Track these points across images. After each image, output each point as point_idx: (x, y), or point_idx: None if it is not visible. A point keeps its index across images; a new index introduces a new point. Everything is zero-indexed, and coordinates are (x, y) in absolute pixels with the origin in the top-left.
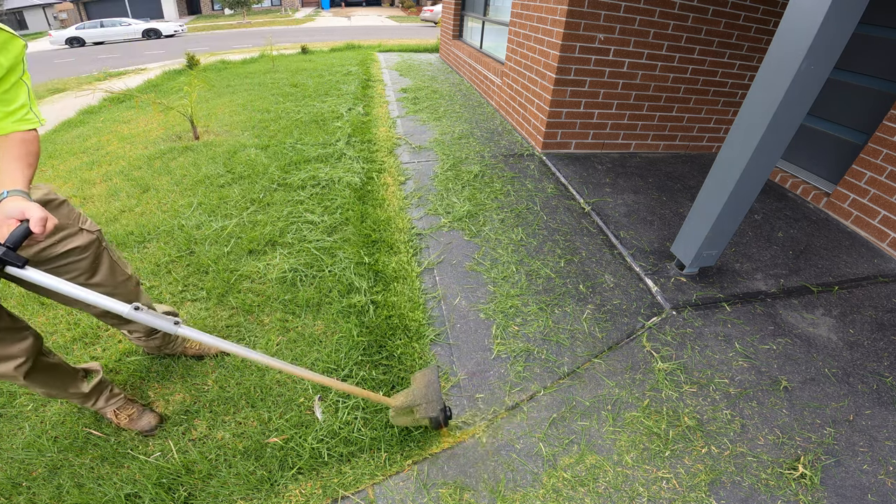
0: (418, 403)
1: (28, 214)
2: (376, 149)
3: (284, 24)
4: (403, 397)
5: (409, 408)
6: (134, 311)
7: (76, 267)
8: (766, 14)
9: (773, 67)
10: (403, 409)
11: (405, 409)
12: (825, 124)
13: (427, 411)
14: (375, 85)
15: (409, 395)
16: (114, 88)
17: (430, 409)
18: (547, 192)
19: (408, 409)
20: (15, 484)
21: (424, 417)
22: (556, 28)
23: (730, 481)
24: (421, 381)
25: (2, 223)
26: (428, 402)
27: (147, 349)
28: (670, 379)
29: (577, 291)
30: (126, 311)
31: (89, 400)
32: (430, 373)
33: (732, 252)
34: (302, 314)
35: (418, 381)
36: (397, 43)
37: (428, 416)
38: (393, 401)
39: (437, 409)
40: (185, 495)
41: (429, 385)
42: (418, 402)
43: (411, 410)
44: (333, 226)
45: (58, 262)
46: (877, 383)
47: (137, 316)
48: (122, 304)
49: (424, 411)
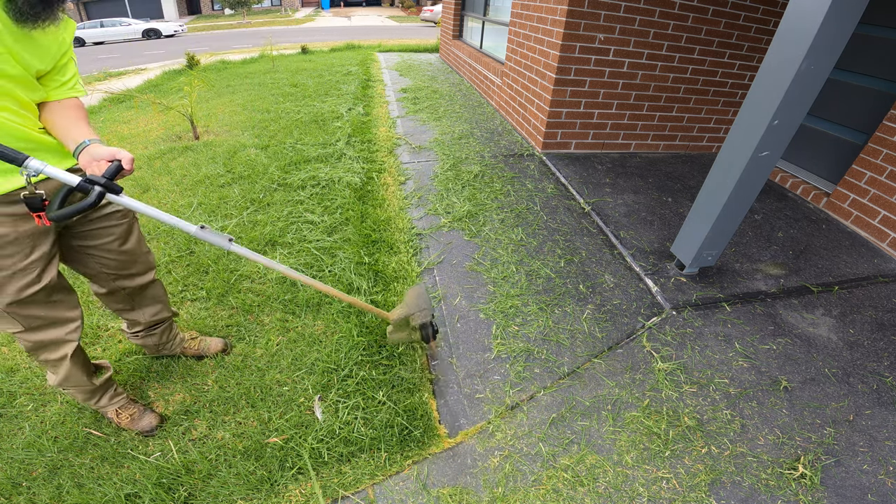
0: (412, 312)
1: (119, 156)
2: (376, 149)
3: (284, 24)
4: (399, 310)
5: (404, 318)
6: (201, 231)
7: (113, 231)
8: (766, 14)
9: (773, 67)
10: (400, 321)
11: (401, 322)
12: (825, 124)
13: (420, 318)
14: (375, 85)
15: (404, 307)
16: (113, 89)
17: (422, 316)
18: (547, 192)
19: (404, 320)
20: (15, 484)
21: (417, 329)
22: (556, 28)
23: (730, 481)
24: (412, 294)
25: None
26: (420, 310)
27: (146, 348)
28: (670, 379)
29: (577, 291)
30: (194, 231)
31: (94, 396)
32: (420, 288)
33: (733, 252)
34: (302, 314)
35: (410, 295)
36: (397, 43)
37: (420, 322)
38: (391, 315)
39: (428, 315)
40: (185, 495)
41: (419, 296)
42: (412, 311)
43: (406, 322)
44: (333, 226)
45: (99, 223)
46: (877, 383)
47: (204, 234)
48: (190, 225)
49: (417, 319)
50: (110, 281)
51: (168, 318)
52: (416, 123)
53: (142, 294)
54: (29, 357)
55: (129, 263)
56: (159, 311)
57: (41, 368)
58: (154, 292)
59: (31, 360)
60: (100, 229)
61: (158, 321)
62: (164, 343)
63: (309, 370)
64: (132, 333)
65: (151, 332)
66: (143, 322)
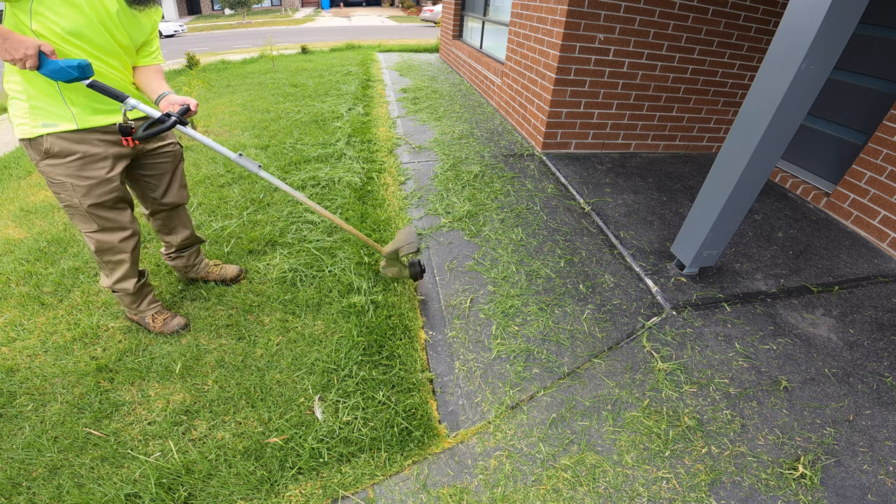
0: (401, 246)
1: (189, 102)
2: (376, 149)
3: (284, 24)
4: (391, 244)
5: (394, 251)
6: (239, 157)
7: (163, 165)
8: (766, 14)
9: (773, 67)
10: (391, 255)
11: (392, 256)
12: (825, 124)
13: (406, 250)
14: (375, 85)
15: (395, 242)
16: None
17: (409, 248)
18: (547, 192)
19: (394, 253)
20: (15, 484)
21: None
22: (556, 28)
23: (730, 481)
24: (402, 232)
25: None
26: (408, 244)
27: (177, 270)
28: (670, 379)
29: (577, 291)
30: (234, 157)
31: (137, 301)
32: (410, 227)
33: (733, 252)
34: (302, 314)
35: (400, 233)
36: (397, 43)
37: (409, 253)
38: (384, 248)
39: (415, 247)
40: (185, 495)
41: (408, 234)
42: (401, 245)
43: (396, 254)
44: (333, 226)
45: (156, 158)
46: (877, 383)
47: (240, 160)
48: (231, 152)
49: (404, 251)
50: (154, 203)
51: (195, 242)
52: (416, 123)
53: (175, 217)
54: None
55: (167, 192)
56: (188, 237)
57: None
58: (183, 219)
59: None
60: (155, 163)
61: (188, 244)
62: (191, 266)
63: (309, 370)
64: (167, 255)
65: (181, 254)
66: (175, 244)
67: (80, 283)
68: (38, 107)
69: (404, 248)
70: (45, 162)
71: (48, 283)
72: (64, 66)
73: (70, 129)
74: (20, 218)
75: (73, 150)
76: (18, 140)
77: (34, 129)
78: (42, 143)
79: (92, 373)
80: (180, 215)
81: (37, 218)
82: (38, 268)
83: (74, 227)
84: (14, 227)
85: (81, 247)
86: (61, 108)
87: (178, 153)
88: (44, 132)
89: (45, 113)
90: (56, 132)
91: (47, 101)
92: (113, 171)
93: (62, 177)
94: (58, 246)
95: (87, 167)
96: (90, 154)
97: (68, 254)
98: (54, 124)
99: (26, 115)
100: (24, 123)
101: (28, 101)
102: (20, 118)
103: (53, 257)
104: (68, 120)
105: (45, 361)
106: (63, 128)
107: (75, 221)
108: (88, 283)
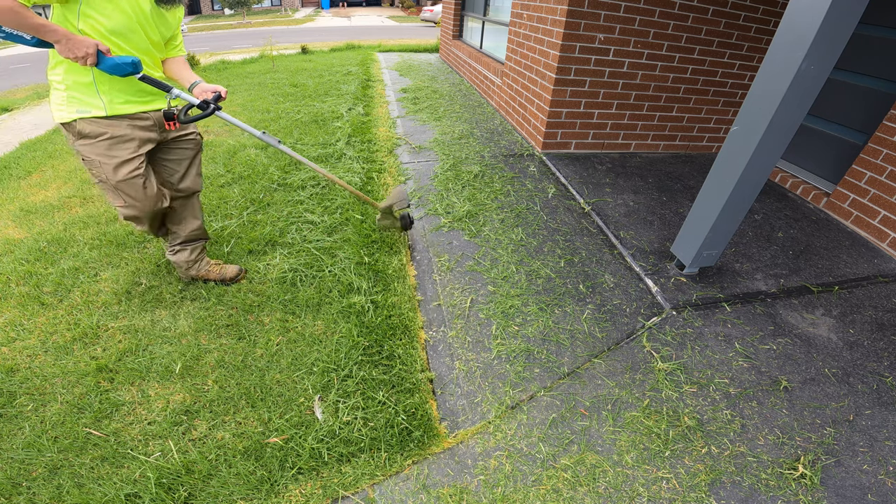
0: (394, 202)
1: (220, 89)
2: (376, 149)
3: (284, 24)
4: (386, 201)
5: (389, 206)
6: (263, 134)
7: (183, 153)
8: (766, 14)
9: (773, 67)
10: (386, 209)
11: (387, 210)
12: (825, 124)
13: (399, 205)
14: (375, 85)
15: (389, 199)
16: None
17: (401, 204)
18: (547, 192)
19: (388, 208)
20: (15, 484)
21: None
22: (556, 28)
23: (730, 481)
24: (395, 190)
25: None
26: (400, 200)
27: (177, 265)
28: (670, 379)
29: (577, 291)
30: (258, 134)
31: (193, 266)
32: (402, 186)
33: (733, 252)
34: (302, 314)
35: (394, 191)
36: (397, 43)
37: (400, 208)
38: (379, 204)
39: (405, 204)
40: (185, 495)
41: (401, 192)
42: (394, 201)
43: (390, 209)
44: (333, 226)
45: (178, 145)
46: (877, 383)
47: (264, 137)
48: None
49: (397, 206)
50: (171, 188)
51: (202, 237)
52: (416, 123)
53: (189, 206)
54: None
55: (185, 177)
56: (196, 229)
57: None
58: (195, 209)
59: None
60: (177, 149)
61: (195, 238)
62: (194, 261)
63: (309, 370)
64: (171, 248)
65: (185, 247)
66: (182, 235)
67: (80, 283)
68: (73, 96)
69: (397, 204)
70: (79, 142)
71: (48, 283)
72: (120, 62)
73: (100, 115)
74: (20, 218)
75: (102, 133)
76: (57, 124)
77: (70, 115)
78: (76, 126)
79: (92, 373)
80: (193, 204)
81: (37, 218)
82: (38, 268)
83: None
84: (14, 227)
85: (81, 247)
86: (94, 98)
87: (199, 142)
88: (77, 117)
89: (79, 101)
90: (88, 117)
91: (82, 91)
92: (138, 151)
93: (93, 155)
94: (58, 246)
95: (115, 148)
96: (117, 136)
97: (68, 254)
98: (87, 111)
99: (63, 103)
100: (62, 110)
101: (66, 91)
102: (59, 105)
103: (53, 257)
104: (99, 108)
105: (45, 361)
106: (94, 114)
107: (107, 196)
108: (88, 283)
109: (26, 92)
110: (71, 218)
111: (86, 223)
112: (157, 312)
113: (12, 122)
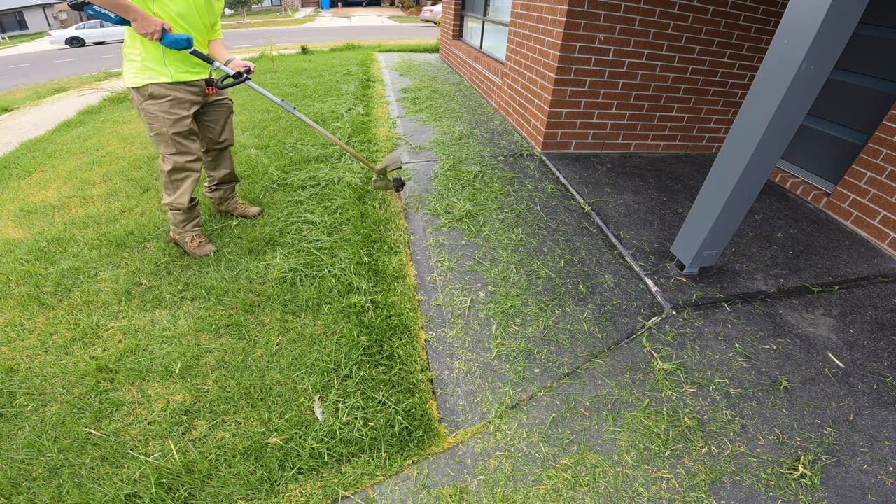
0: (388, 165)
1: (250, 65)
2: (376, 149)
3: (284, 24)
4: (381, 164)
5: (383, 168)
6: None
7: (219, 113)
8: (766, 14)
9: (773, 67)
10: (381, 171)
11: (381, 172)
12: (825, 124)
13: (392, 167)
14: (375, 85)
15: (383, 162)
16: (114, 88)
17: (394, 165)
18: (547, 192)
19: (383, 170)
20: (15, 484)
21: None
22: (556, 28)
23: (730, 481)
24: (390, 155)
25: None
26: (393, 163)
27: (212, 200)
28: (670, 379)
29: (577, 291)
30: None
31: (186, 221)
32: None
33: (733, 252)
34: (302, 314)
35: (388, 156)
36: (397, 43)
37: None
38: (375, 166)
39: (398, 165)
40: (185, 495)
41: (394, 156)
42: (388, 164)
43: (385, 171)
44: (333, 226)
45: (215, 107)
46: (877, 383)
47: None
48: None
49: (391, 167)
50: (210, 142)
51: (232, 180)
52: (416, 123)
53: (223, 157)
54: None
55: (222, 132)
56: (228, 174)
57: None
58: (227, 160)
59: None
60: (215, 110)
61: (227, 180)
62: (225, 199)
63: (309, 370)
64: (208, 187)
65: (220, 187)
66: (218, 178)
67: (80, 283)
68: (147, 66)
69: (391, 166)
70: (147, 102)
71: (48, 283)
72: (179, 38)
73: (167, 81)
74: (20, 218)
75: (166, 94)
76: (128, 88)
77: (144, 80)
78: (147, 89)
79: (92, 373)
80: (226, 156)
81: (37, 218)
82: (38, 268)
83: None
84: (14, 227)
85: (81, 247)
86: (162, 68)
87: (230, 105)
88: (150, 82)
89: (151, 70)
90: (157, 82)
91: (153, 62)
92: (190, 111)
93: (157, 112)
94: (58, 246)
95: (175, 107)
96: (177, 98)
97: (68, 254)
98: (157, 77)
99: (138, 71)
100: (136, 76)
101: (142, 61)
102: (133, 73)
103: (53, 257)
104: (166, 76)
105: (45, 361)
106: (162, 80)
107: (160, 146)
108: (88, 283)
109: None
110: (71, 218)
111: (86, 223)
112: (157, 312)
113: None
